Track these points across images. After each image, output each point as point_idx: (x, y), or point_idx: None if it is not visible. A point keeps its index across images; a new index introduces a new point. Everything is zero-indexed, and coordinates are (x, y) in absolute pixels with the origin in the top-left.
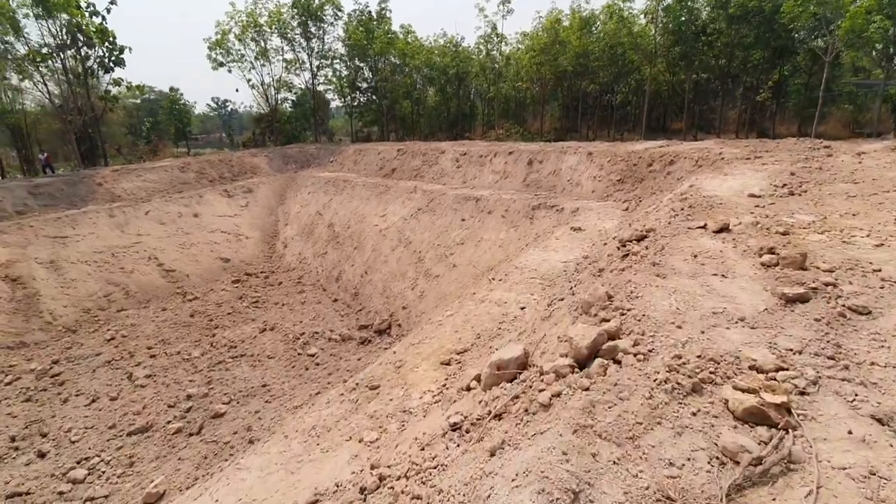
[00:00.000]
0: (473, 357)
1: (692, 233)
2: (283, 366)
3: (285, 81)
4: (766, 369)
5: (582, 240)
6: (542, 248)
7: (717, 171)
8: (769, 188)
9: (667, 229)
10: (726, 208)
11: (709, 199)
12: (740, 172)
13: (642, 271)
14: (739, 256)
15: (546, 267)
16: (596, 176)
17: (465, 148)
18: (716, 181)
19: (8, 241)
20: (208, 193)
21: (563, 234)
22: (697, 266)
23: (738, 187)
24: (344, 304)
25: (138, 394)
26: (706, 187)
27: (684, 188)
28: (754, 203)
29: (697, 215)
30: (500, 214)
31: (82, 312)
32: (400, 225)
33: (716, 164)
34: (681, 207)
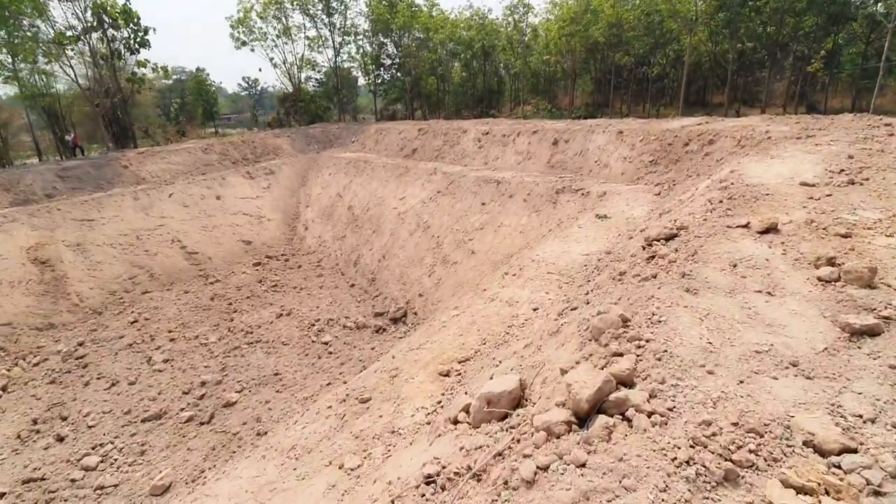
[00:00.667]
0: (475, 368)
1: (732, 233)
2: (296, 353)
3: (308, 59)
4: (828, 449)
5: (607, 229)
6: (563, 238)
7: (763, 152)
8: (824, 175)
9: (701, 227)
10: (773, 200)
11: (753, 189)
12: (790, 155)
13: (668, 283)
14: (790, 267)
15: (565, 260)
16: (626, 156)
17: (488, 127)
18: (761, 165)
19: (37, 225)
20: (231, 175)
21: (586, 223)
22: (737, 279)
23: (788, 173)
24: (361, 290)
25: (155, 379)
26: (750, 173)
27: (724, 174)
28: (807, 194)
29: (739, 209)
30: (521, 198)
31: (108, 294)
32: (419, 208)
33: (761, 145)
34: (719, 199)
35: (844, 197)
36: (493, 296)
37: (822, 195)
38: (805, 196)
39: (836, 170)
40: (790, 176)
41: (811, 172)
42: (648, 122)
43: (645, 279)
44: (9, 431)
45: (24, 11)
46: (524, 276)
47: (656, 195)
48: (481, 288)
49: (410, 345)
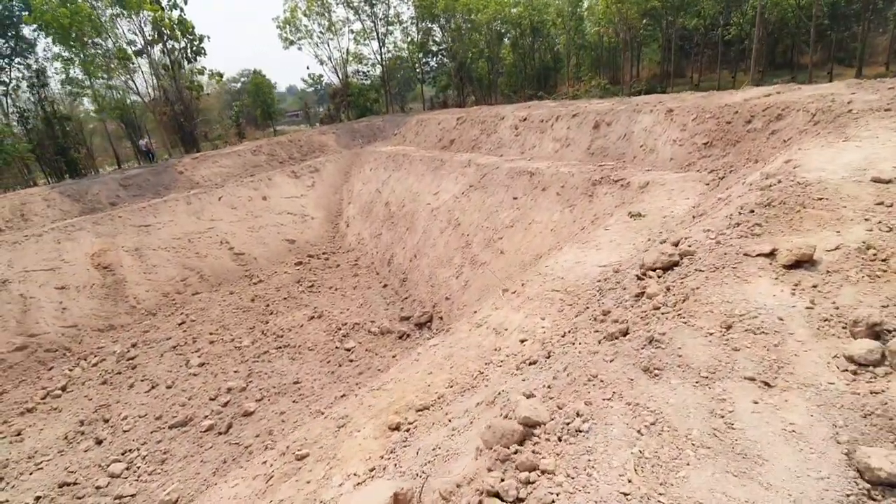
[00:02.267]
0: (427, 423)
1: (747, 266)
2: (319, 360)
3: (355, 53)
4: None
5: (637, 231)
6: (583, 244)
7: (838, 131)
8: None
9: (711, 254)
10: (826, 209)
11: (803, 190)
12: (871, 135)
13: (626, 355)
14: (813, 333)
15: (577, 274)
16: (676, 139)
17: (526, 112)
18: (827, 152)
19: (101, 232)
20: (277, 175)
21: (615, 223)
22: (725, 353)
23: (861, 163)
24: (392, 291)
25: (189, 383)
26: (809, 164)
27: (776, 165)
28: (878, 197)
29: (772, 225)
30: (555, 191)
31: (162, 296)
32: (451, 204)
33: (838, 121)
34: (751, 206)
35: None
36: (481, 320)
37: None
38: (873, 200)
39: None
40: (862, 167)
41: (892, 161)
42: (708, 97)
43: (607, 338)
44: (59, 432)
45: (85, 31)
46: (525, 294)
47: (707, 185)
48: (472, 310)
49: (373, 385)
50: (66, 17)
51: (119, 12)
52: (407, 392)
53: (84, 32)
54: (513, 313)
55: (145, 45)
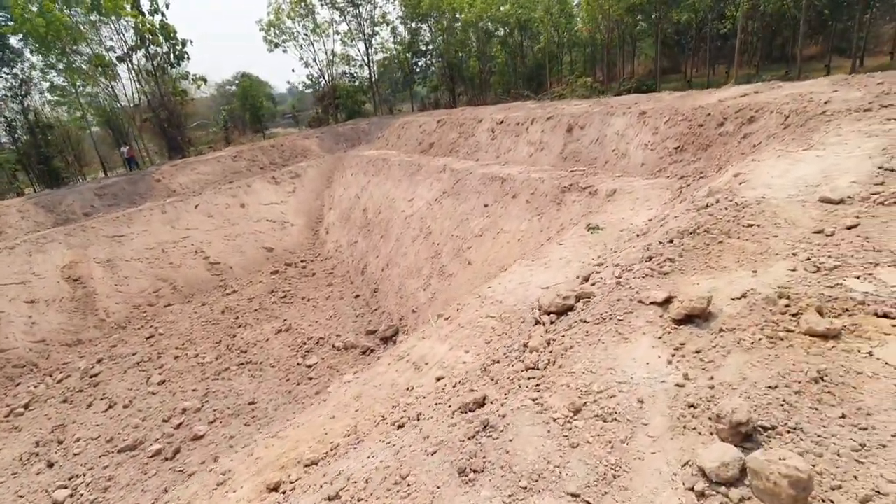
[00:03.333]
0: (309, 483)
1: (634, 318)
2: (279, 378)
3: (342, 55)
4: None
5: (591, 246)
6: (533, 261)
7: (803, 137)
8: (871, 178)
9: (608, 297)
10: (755, 239)
11: (738, 213)
12: (839, 141)
13: (449, 448)
14: (669, 429)
15: (517, 298)
16: (648, 143)
17: (504, 115)
18: (782, 163)
19: (73, 244)
20: (256, 181)
21: (571, 237)
22: (559, 454)
23: (815, 177)
24: (363, 302)
25: (146, 402)
26: (756, 179)
27: (724, 179)
28: (819, 223)
29: (686, 261)
30: (525, 199)
31: (132, 309)
32: (424, 211)
33: (809, 124)
34: (674, 233)
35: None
36: (404, 352)
37: (844, 225)
38: (813, 227)
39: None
40: (815, 183)
41: (852, 174)
42: (685, 97)
43: (461, 409)
44: (16, 452)
45: (63, 39)
46: (457, 320)
47: (677, 191)
48: (399, 340)
49: (268, 433)
50: (43, 27)
51: (98, 19)
52: (301, 441)
53: (62, 40)
54: (438, 344)
55: (127, 52)
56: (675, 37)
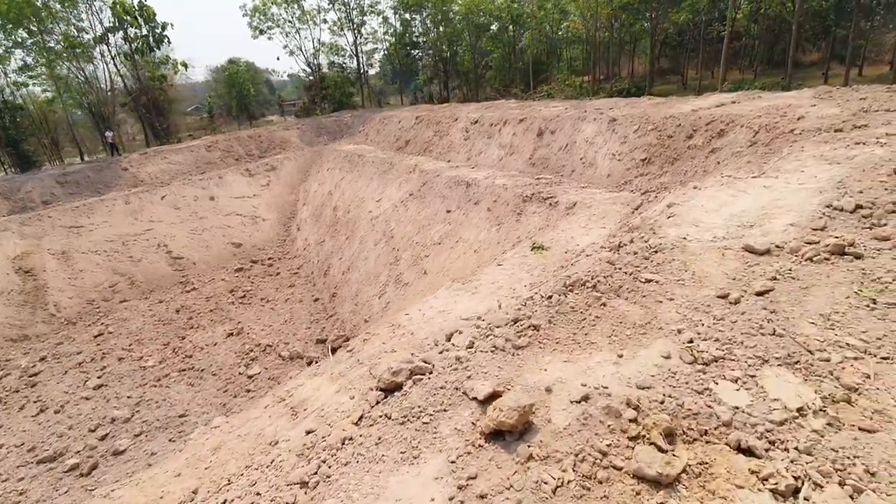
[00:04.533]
0: None
1: (448, 418)
2: (218, 387)
3: (331, 44)
4: None
5: (529, 270)
6: (463, 284)
7: (760, 161)
8: (810, 223)
9: (438, 377)
10: (645, 303)
11: (644, 261)
12: (796, 167)
13: None
14: None
15: (430, 330)
16: (616, 153)
17: (479, 115)
18: (723, 194)
19: (26, 233)
20: (229, 173)
21: (512, 257)
22: None
23: (751, 215)
24: (321, 307)
25: (78, 408)
26: (688, 213)
27: (656, 210)
28: (731, 282)
29: (553, 329)
30: (486, 206)
31: (86, 304)
32: (389, 213)
33: (773, 144)
34: (559, 288)
35: (791, 301)
36: (287, 393)
37: (756, 289)
38: (719, 288)
39: (846, 206)
40: (749, 221)
41: (794, 213)
42: (662, 104)
43: None
44: None
45: (26, 18)
46: (359, 354)
47: (632, 211)
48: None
49: (106, 489)
50: (4, 4)
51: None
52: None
53: (27, 20)
54: (327, 385)
55: (104, 33)
56: (676, 37)
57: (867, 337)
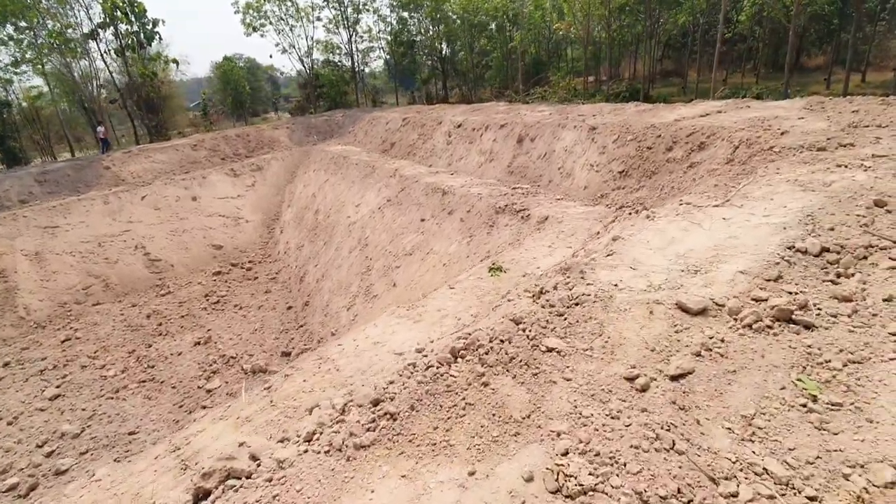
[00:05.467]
0: None
1: None
2: (174, 402)
3: (326, 42)
4: None
5: (481, 296)
6: (408, 310)
7: (730, 182)
8: (763, 272)
9: (240, 497)
10: (544, 380)
11: (565, 312)
12: (764, 195)
13: None
14: None
15: (360, 366)
16: (594, 163)
17: (463, 118)
18: (674, 227)
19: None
20: (213, 173)
21: (468, 278)
22: None
23: (700, 256)
24: (293, 315)
25: (31, 420)
26: (629, 251)
27: (600, 243)
28: (650, 353)
29: (410, 424)
30: (460, 217)
31: (57, 307)
32: (366, 219)
33: (750, 162)
34: (453, 352)
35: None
36: (183, 440)
37: (671, 372)
38: (635, 360)
39: (811, 249)
40: (695, 265)
41: (748, 257)
42: (643, 112)
43: None
44: None
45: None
46: (277, 393)
47: (607, 225)
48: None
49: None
50: None
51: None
52: None
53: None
54: (228, 432)
55: (94, 29)
56: (680, 39)
57: (795, 459)
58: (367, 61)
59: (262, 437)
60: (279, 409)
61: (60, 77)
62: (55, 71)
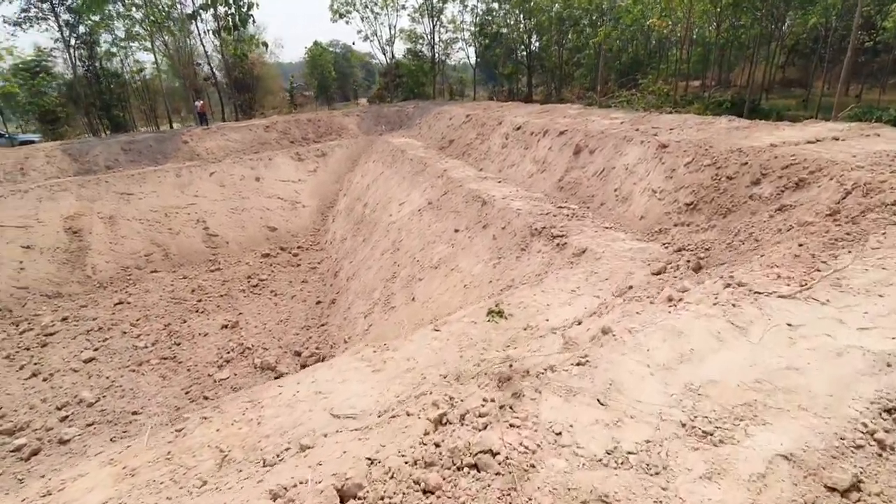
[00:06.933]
0: None
1: None
2: (182, 387)
3: (410, 32)
4: None
5: (464, 348)
6: (372, 354)
7: (820, 253)
8: (811, 466)
9: None
10: None
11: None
12: (868, 284)
13: None
14: None
15: (285, 422)
16: (657, 189)
17: (524, 120)
18: (700, 335)
19: (83, 195)
20: (279, 156)
21: (461, 319)
22: None
23: (694, 410)
24: (319, 311)
25: (63, 380)
26: (589, 385)
27: (588, 330)
28: None
29: None
30: (493, 233)
31: (120, 269)
32: (404, 221)
33: (860, 221)
34: None
35: None
36: (58, 484)
37: None
38: None
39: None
40: (665, 444)
41: (792, 430)
42: (737, 129)
43: None
44: None
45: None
46: (180, 441)
47: (653, 274)
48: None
49: None
50: None
51: None
52: None
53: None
54: (106, 484)
55: (196, 10)
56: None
57: None
58: (449, 52)
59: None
60: (172, 467)
61: (165, 53)
62: (160, 47)
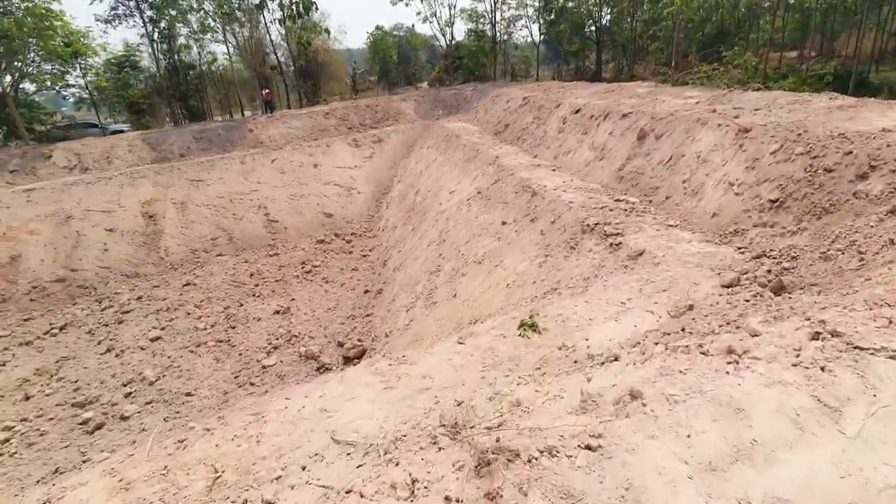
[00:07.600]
0: None
1: None
2: (233, 371)
3: (471, 11)
4: None
5: (488, 367)
6: (387, 368)
7: None
8: None
9: None
10: None
11: None
12: None
13: None
14: None
15: (284, 443)
16: (735, 182)
17: (585, 101)
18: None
19: (158, 182)
20: (337, 142)
21: (482, 334)
22: None
23: None
24: (366, 301)
25: (130, 356)
26: None
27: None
28: None
29: None
30: (541, 228)
31: (189, 252)
32: (453, 210)
33: None
34: None
35: None
36: (57, 493)
37: None
38: None
39: None
40: None
41: None
42: (839, 109)
43: None
44: (21, 374)
45: None
46: (181, 456)
47: (723, 287)
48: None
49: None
50: None
51: None
52: None
53: None
54: (101, 498)
55: (262, 1)
56: None
57: None
58: (511, 31)
59: None
60: (164, 485)
61: (235, 44)
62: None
